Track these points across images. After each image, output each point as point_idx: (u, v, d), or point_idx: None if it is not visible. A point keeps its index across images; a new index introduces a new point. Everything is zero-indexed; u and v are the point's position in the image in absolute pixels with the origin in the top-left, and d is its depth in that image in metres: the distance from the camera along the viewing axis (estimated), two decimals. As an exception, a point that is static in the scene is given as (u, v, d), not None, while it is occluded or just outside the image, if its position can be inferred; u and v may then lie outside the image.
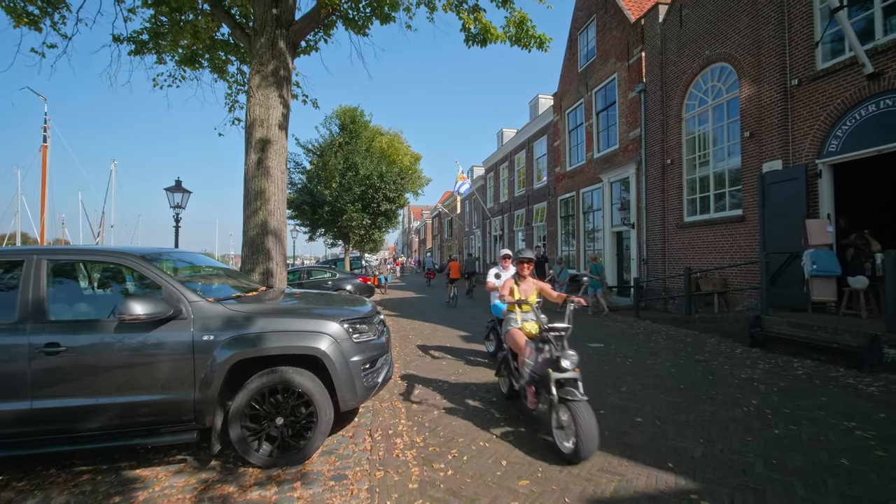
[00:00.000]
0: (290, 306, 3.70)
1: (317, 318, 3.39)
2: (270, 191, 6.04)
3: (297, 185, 17.56)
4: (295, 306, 3.75)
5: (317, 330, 3.29)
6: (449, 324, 9.80)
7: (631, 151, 12.80)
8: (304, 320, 3.34)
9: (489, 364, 5.99)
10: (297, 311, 3.55)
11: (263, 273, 5.90)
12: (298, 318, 3.36)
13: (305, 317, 3.39)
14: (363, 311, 3.77)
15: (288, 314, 3.41)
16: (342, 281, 12.80)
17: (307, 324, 3.31)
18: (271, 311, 3.42)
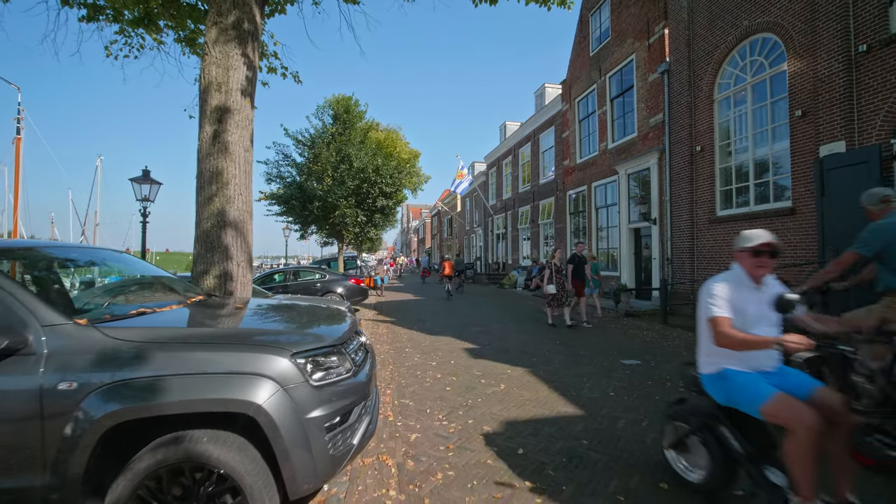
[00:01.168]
0: (215, 331, 2.41)
1: (253, 348, 2.14)
2: (229, 172, 4.80)
3: (286, 180, 16.29)
4: (225, 331, 2.47)
5: (250, 370, 2.05)
6: (451, 333, 8.56)
7: (651, 139, 11.57)
8: (231, 354, 2.09)
9: (506, 390, 4.75)
10: (225, 337, 2.27)
11: (220, 276, 4.67)
12: (223, 349, 2.11)
13: (234, 347, 2.14)
14: (333, 335, 2.53)
15: (208, 343, 2.15)
16: (332, 283, 11.56)
17: (235, 360, 2.07)
18: (182, 338, 2.17)
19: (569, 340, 7.48)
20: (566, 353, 6.45)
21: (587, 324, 9.02)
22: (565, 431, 3.55)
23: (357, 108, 17.48)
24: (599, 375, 5.23)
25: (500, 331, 8.65)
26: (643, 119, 11.93)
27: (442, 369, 5.70)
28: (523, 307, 12.68)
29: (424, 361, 6.15)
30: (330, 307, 3.59)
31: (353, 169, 15.62)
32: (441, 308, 12.93)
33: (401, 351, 6.95)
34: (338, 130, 16.58)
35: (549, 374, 5.31)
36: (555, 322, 9.12)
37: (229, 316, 2.87)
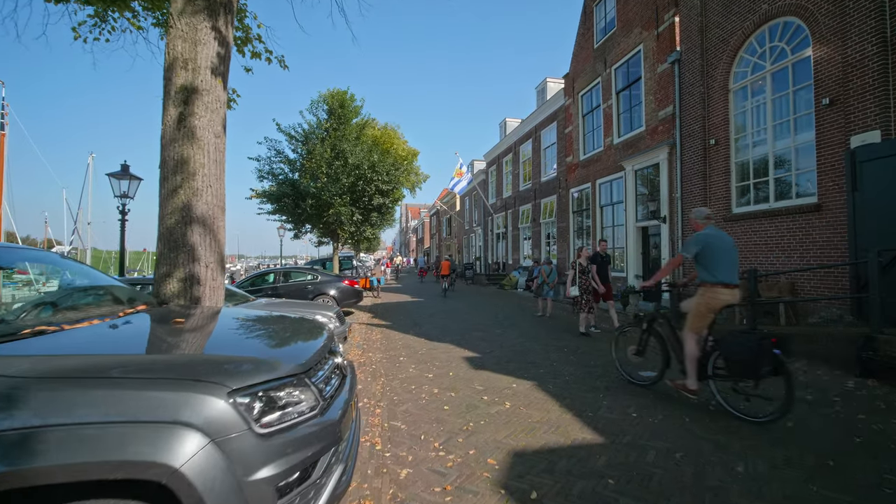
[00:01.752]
0: (128, 359, 1.75)
1: (174, 385, 1.54)
2: (197, 160, 4.21)
3: (278, 178, 15.68)
4: (142, 359, 1.82)
5: (167, 418, 1.46)
6: (450, 339, 7.97)
7: (661, 133, 11.00)
8: (143, 394, 1.49)
9: (511, 409, 4.17)
10: (139, 368, 1.65)
11: (185, 280, 4.07)
12: (133, 386, 1.51)
13: (149, 383, 1.53)
14: (294, 361, 1.94)
15: (114, 378, 1.55)
16: (324, 285, 10.97)
17: (147, 402, 1.47)
18: (79, 370, 1.57)
19: (577, 348, 6.90)
20: (576, 364, 5.87)
21: (595, 329, 8.41)
22: (585, 466, 2.97)
23: (353, 103, 16.87)
24: (616, 391, 4.65)
25: (501, 336, 8.07)
26: (652, 112, 11.36)
27: (439, 383, 5.12)
28: (525, 310, 12.10)
29: (420, 373, 5.57)
30: (303, 320, 3.00)
31: (348, 165, 15.02)
32: (439, 310, 12.35)
33: (394, 360, 6.36)
34: (332, 126, 15.98)
35: (559, 390, 4.73)
36: (588, 332, 8.01)
37: (163, 335, 2.25)
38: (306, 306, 6.18)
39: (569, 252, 15.94)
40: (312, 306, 6.27)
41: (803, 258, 7.39)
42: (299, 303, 6.62)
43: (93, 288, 2.88)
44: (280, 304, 6.19)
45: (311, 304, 6.38)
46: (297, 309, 5.86)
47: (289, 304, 6.25)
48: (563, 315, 10.93)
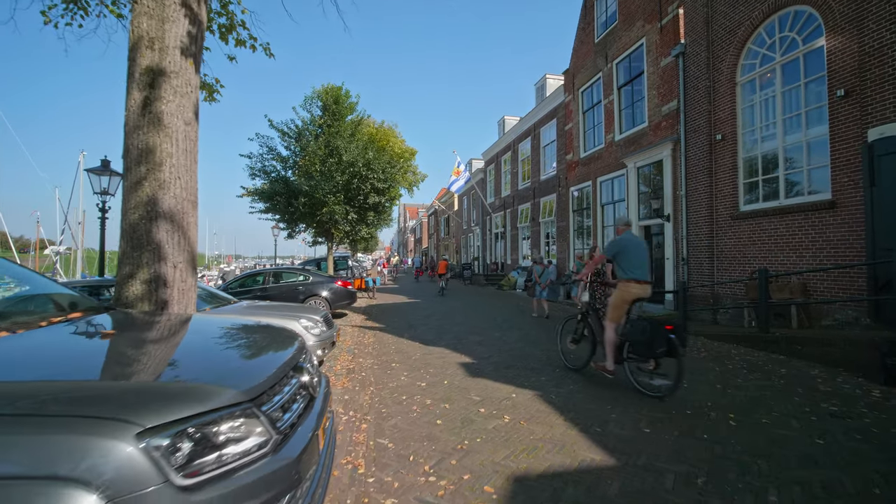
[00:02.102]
0: (5, 389, 1.35)
1: (62, 426, 1.15)
2: (164, 150, 3.83)
3: (270, 175, 15.25)
4: (27, 388, 1.35)
5: (43, 472, 1.06)
6: (446, 343, 7.59)
7: (664, 129, 10.65)
8: (17, 438, 1.11)
9: (511, 424, 3.79)
10: (19, 401, 1.25)
11: (149, 281, 3.69)
12: (6, 427, 1.13)
13: (28, 423, 1.15)
14: (242, 385, 1.55)
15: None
16: (316, 286, 10.56)
17: (22, 450, 1.09)
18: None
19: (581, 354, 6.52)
20: (580, 371, 5.49)
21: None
22: (596, 496, 2.59)
23: (347, 100, 16.48)
24: (626, 402, 4.28)
25: (500, 340, 7.69)
26: (655, 107, 11.01)
27: (433, 392, 4.74)
28: (525, 311, 11.73)
29: (412, 381, 5.18)
30: (269, 329, 2.62)
31: (343, 163, 14.63)
32: (436, 312, 11.97)
33: (386, 367, 5.97)
34: (326, 122, 15.58)
35: (563, 401, 4.35)
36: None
37: (75, 353, 1.83)
38: (290, 310, 5.79)
39: (569, 252, 15.58)
40: (298, 310, 5.87)
41: (816, 258, 7.04)
42: (284, 306, 6.23)
43: (28, 296, 2.48)
44: (262, 308, 5.80)
45: (296, 308, 5.99)
46: (279, 313, 5.48)
47: (271, 309, 5.86)
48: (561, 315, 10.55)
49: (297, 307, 6.10)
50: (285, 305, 6.34)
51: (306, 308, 6.05)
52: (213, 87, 6.97)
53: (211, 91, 6.97)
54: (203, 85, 6.59)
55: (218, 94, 7.32)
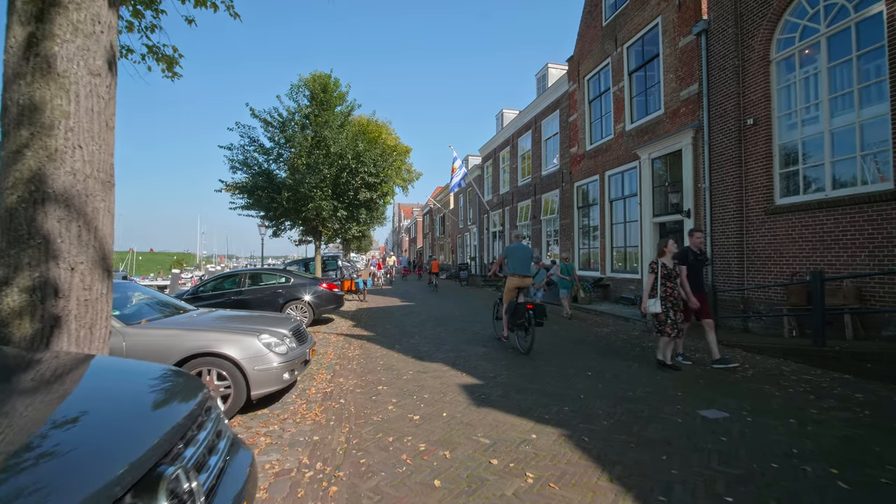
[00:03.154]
0: None
1: None
2: (56, 107, 2.75)
3: (252, 169, 14.07)
4: None
5: None
6: (444, 357, 6.54)
7: (684, 116, 9.66)
8: None
9: (537, 488, 2.74)
10: None
11: (32, 290, 2.64)
12: None
13: None
14: None
15: None
16: (298, 289, 9.46)
17: None
18: None
19: (604, 371, 5.49)
20: (609, 396, 4.46)
21: (683, 358, 5.87)
22: None
23: (337, 88, 15.33)
24: (682, 444, 3.25)
25: (507, 354, 6.64)
26: (672, 92, 10.02)
27: (428, 431, 3.67)
28: (529, 316, 10.68)
29: (403, 413, 4.11)
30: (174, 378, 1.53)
31: (330, 154, 13.51)
32: (431, 317, 10.90)
33: (371, 389, 4.90)
34: (313, 112, 14.44)
35: (599, 443, 3.31)
36: (675, 363, 5.61)
37: None
38: (252, 322, 4.71)
39: (574, 251, 14.57)
40: (262, 321, 4.79)
41: (873, 258, 6.05)
42: (246, 317, 5.13)
43: None
44: (217, 320, 4.70)
45: (259, 319, 4.90)
46: (235, 326, 4.38)
47: (228, 320, 4.76)
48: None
49: (260, 318, 5.01)
50: (249, 316, 5.24)
51: (272, 319, 4.96)
52: (173, 58, 5.80)
53: (171, 63, 5.79)
54: (159, 55, 5.49)
55: (179, 67, 6.15)
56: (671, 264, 5.56)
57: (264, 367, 4.05)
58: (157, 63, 5.64)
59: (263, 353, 4.08)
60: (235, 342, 4.03)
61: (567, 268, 10.58)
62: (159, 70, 5.68)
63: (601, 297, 12.30)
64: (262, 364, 4.05)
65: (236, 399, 3.96)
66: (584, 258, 14.25)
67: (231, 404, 3.95)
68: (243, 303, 9.14)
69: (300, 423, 3.94)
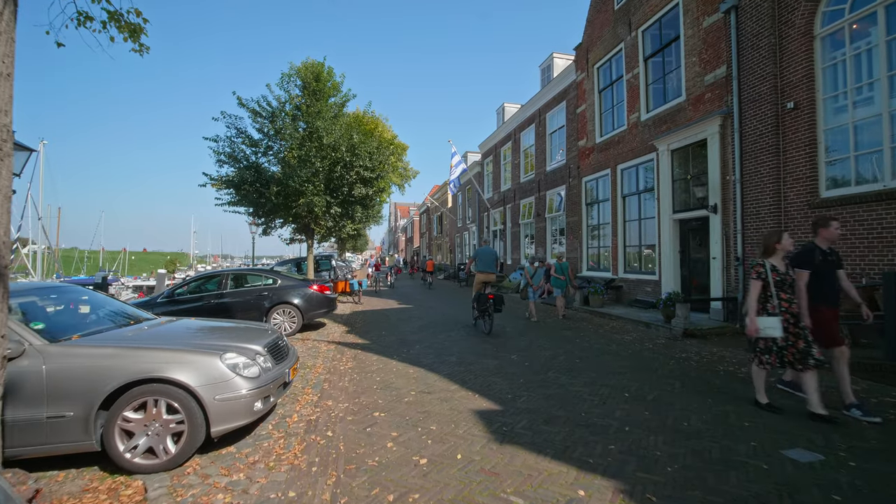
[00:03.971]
0: None
1: None
2: None
3: (241, 163, 13.14)
4: None
5: None
6: (449, 370, 5.67)
7: (709, 102, 8.84)
8: None
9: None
10: None
11: None
12: None
13: None
14: None
15: None
16: (285, 292, 8.56)
17: None
18: None
19: (643, 391, 4.64)
20: (660, 427, 3.61)
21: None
22: None
23: (331, 78, 14.40)
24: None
25: (522, 365, 5.78)
26: (695, 77, 9.20)
27: (440, 485, 2.80)
28: (539, 322, 9.83)
29: (405, 453, 3.24)
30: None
31: (323, 147, 12.60)
32: (432, 322, 10.02)
33: (365, 418, 4.02)
34: (305, 102, 13.51)
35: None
36: (773, 402, 4.06)
37: None
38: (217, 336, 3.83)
39: (581, 250, 13.75)
40: (229, 335, 3.90)
41: (947, 257, 5.24)
42: (213, 329, 4.24)
43: None
44: (173, 333, 3.80)
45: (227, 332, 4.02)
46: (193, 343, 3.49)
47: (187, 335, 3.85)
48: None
49: (230, 330, 4.12)
50: (217, 327, 4.35)
51: (245, 331, 4.07)
52: (138, 25, 4.84)
53: (135, 32, 4.84)
54: (122, 23, 4.57)
55: (146, 37, 5.19)
56: (783, 267, 4.03)
57: (229, 395, 3.16)
58: (119, 33, 4.72)
59: (227, 377, 3.20)
60: (190, 364, 3.14)
61: (562, 267, 10.22)
62: (124, 41, 4.76)
63: (613, 300, 11.47)
64: (226, 392, 3.16)
65: (192, 438, 3.07)
66: (594, 258, 13.42)
67: (184, 445, 3.06)
68: (224, 307, 8.24)
69: (274, 469, 3.06)
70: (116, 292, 24.13)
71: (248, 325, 4.53)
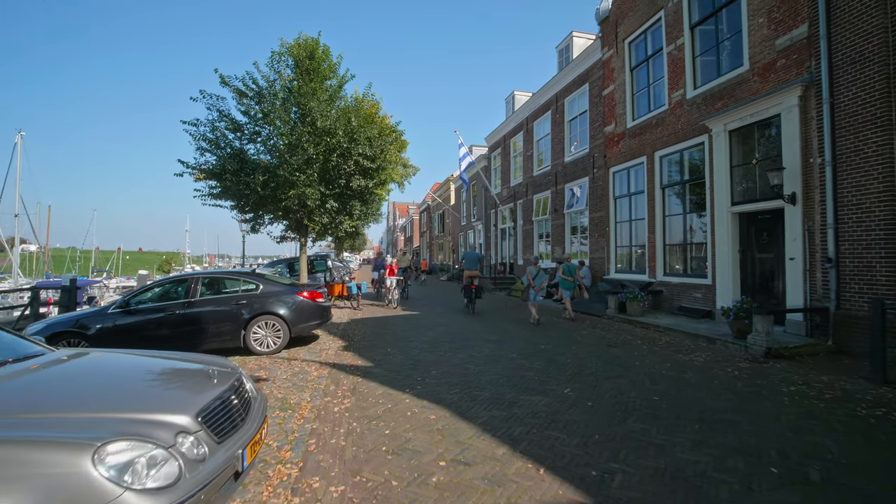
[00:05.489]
0: None
1: None
2: None
3: (224, 150, 11.51)
4: None
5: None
6: (487, 419, 4.14)
7: (783, 70, 7.31)
8: None
9: None
10: None
11: None
12: None
13: None
14: None
15: None
16: (268, 300, 6.99)
17: None
18: None
19: (798, 464, 3.09)
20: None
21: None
22: None
23: (327, 58, 12.79)
24: None
25: (587, 408, 4.22)
26: (763, 42, 7.66)
27: None
28: (573, 332, 8.27)
29: None
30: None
31: (317, 131, 11.02)
32: (445, 334, 8.46)
33: (368, 497, 2.46)
34: (298, 82, 11.91)
35: None
36: None
37: None
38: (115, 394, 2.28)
39: (608, 250, 12.21)
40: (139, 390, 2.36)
41: None
42: (120, 374, 2.67)
43: None
44: (47, 391, 2.24)
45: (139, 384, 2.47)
46: (63, 417, 1.92)
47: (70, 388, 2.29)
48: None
49: (147, 379, 2.56)
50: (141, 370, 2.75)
51: (174, 380, 2.51)
52: None
53: None
54: None
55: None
56: None
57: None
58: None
59: (104, 497, 1.63)
60: (27, 476, 1.57)
61: (570, 269, 10.31)
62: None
63: (653, 307, 9.93)
64: (101, 526, 1.59)
65: None
66: (625, 259, 11.88)
67: None
68: (191, 320, 6.66)
69: None
70: (100, 296, 22.49)
71: (189, 365, 2.93)
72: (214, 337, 6.75)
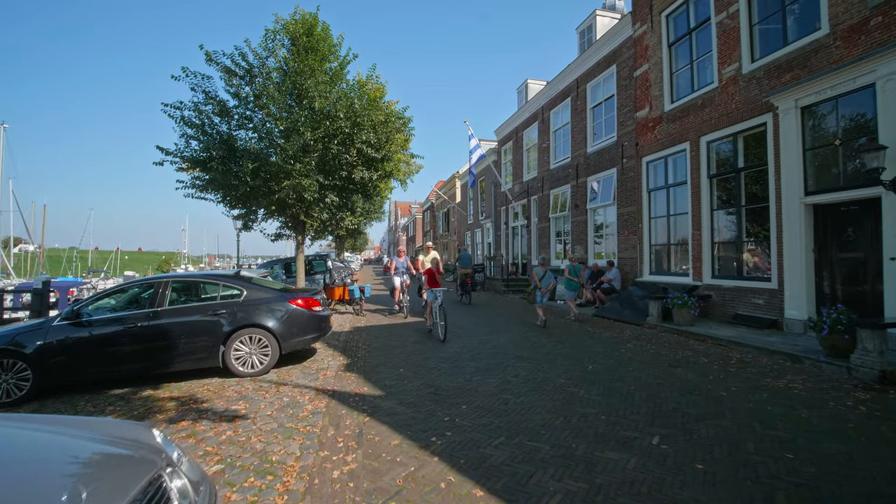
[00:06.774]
0: None
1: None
2: None
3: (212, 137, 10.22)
4: None
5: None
6: (561, 490, 2.85)
7: (877, 31, 6.02)
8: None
9: None
10: None
11: None
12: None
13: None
14: None
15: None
16: (255, 308, 5.75)
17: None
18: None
19: None
20: None
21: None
22: None
23: (326, 38, 11.49)
24: None
25: (711, 488, 2.94)
26: (847, 4, 6.37)
27: None
28: (616, 343, 6.99)
29: None
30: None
31: (315, 113, 9.75)
32: (465, 349, 7.18)
33: None
34: (294, 60, 10.63)
35: None
36: None
37: None
38: None
39: (641, 249, 10.93)
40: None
41: None
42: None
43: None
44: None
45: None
46: None
47: None
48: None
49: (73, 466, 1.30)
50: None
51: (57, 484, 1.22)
52: None
53: None
54: None
55: None
56: None
57: None
58: None
59: None
60: None
61: (575, 269, 10.04)
62: None
63: (701, 314, 8.63)
64: None
65: None
66: (661, 258, 10.59)
67: None
68: (158, 334, 5.38)
69: None
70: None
71: (73, 447, 1.65)
72: (186, 355, 5.48)
